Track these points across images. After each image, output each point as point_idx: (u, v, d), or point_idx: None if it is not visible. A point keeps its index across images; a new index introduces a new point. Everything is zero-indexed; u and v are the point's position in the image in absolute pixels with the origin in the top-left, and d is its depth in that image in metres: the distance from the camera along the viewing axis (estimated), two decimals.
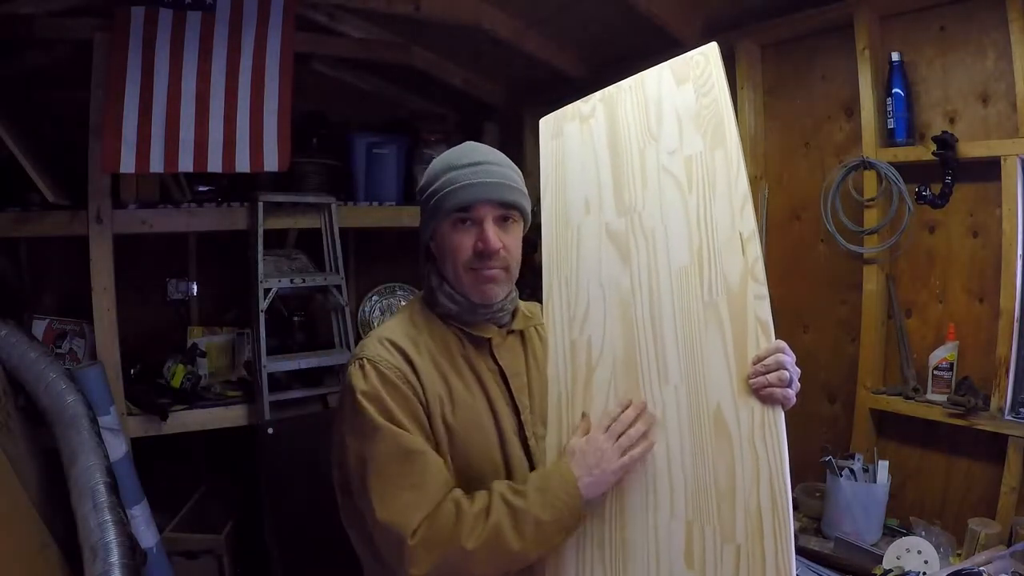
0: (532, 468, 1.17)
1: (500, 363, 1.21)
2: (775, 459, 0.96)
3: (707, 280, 1.06)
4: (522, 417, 1.19)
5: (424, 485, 1.04)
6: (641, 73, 1.21)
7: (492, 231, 1.14)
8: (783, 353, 0.97)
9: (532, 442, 1.18)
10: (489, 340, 1.21)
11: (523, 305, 1.29)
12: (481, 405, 1.16)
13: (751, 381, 0.97)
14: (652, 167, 1.15)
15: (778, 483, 0.95)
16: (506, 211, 1.17)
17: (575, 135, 1.27)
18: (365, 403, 1.08)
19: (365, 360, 1.12)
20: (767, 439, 0.97)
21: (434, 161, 1.23)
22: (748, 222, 1.06)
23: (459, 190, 1.14)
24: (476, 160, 1.17)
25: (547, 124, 1.33)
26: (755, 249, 1.04)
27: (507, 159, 1.22)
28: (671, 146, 1.14)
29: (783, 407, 0.97)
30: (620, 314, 1.13)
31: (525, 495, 1.04)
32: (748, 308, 1.02)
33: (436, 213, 1.16)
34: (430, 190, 1.18)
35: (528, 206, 1.21)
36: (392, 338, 1.16)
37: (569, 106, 1.30)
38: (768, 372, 0.96)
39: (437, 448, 1.11)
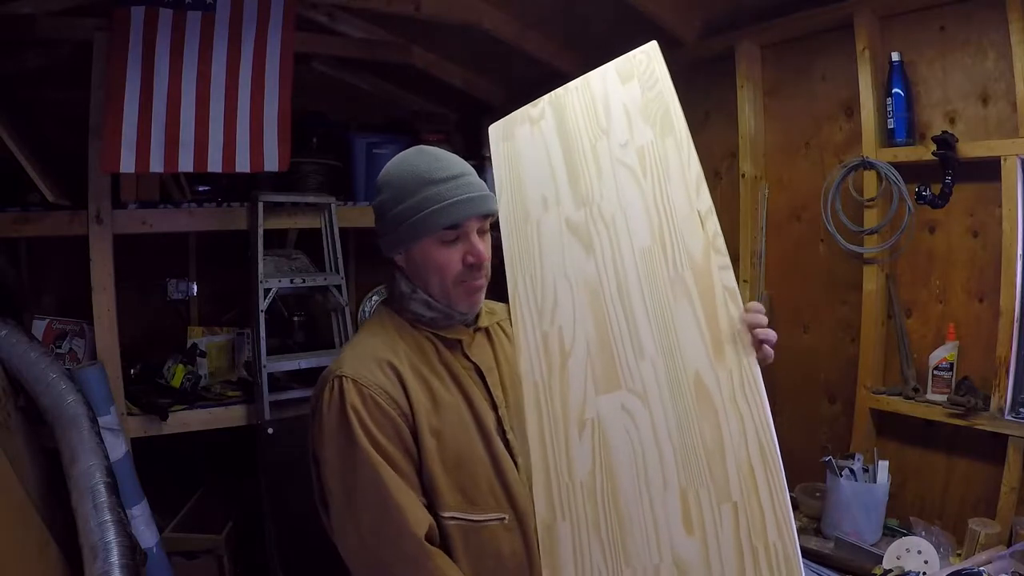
0: (514, 461, 1.18)
1: (474, 360, 1.22)
2: (759, 414, 0.97)
3: (671, 257, 1.10)
4: (499, 412, 1.20)
5: (407, 516, 1.06)
6: (586, 74, 1.25)
7: (480, 244, 1.16)
8: (760, 314, 1.00)
9: (510, 436, 1.19)
10: (460, 340, 1.22)
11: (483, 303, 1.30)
12: (462, 404, 1.17)
13: (756, 331, 0.98)
14: (605, 159, 1.20)
15: (765, 436, 0.96)
16: (486, 222, 1.19)
17: (526, 137, 1.30)
18: (352, 427, 1.08)
19: (345, 379, 1.11)
20: (748, 396, 0.99)
21: (395, 172, 1.19)
22: (704, 200, 1.10)
23: (449, 208, 1.13)
24: (453, 173, 1.16)
25: (496, 129, 1.35)
26: (714, 224, 1.08)
27: (466, 162, 1.23)
28: (622, 138, 1.20)
29: (764, 362, 0.99)
30: (589, 300, 1.15)
31: None
32: (714, 278, 1.06)
33: (418, 230, 1.14)
34: (405, 205, 1.15)
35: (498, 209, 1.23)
36: (372, 352, 1.15)
37: (517, 111, 1.34)
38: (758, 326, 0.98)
39: (423, 460, 1.11)
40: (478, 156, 3.43)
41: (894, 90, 1.96)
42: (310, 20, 2.86)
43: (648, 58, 1.21)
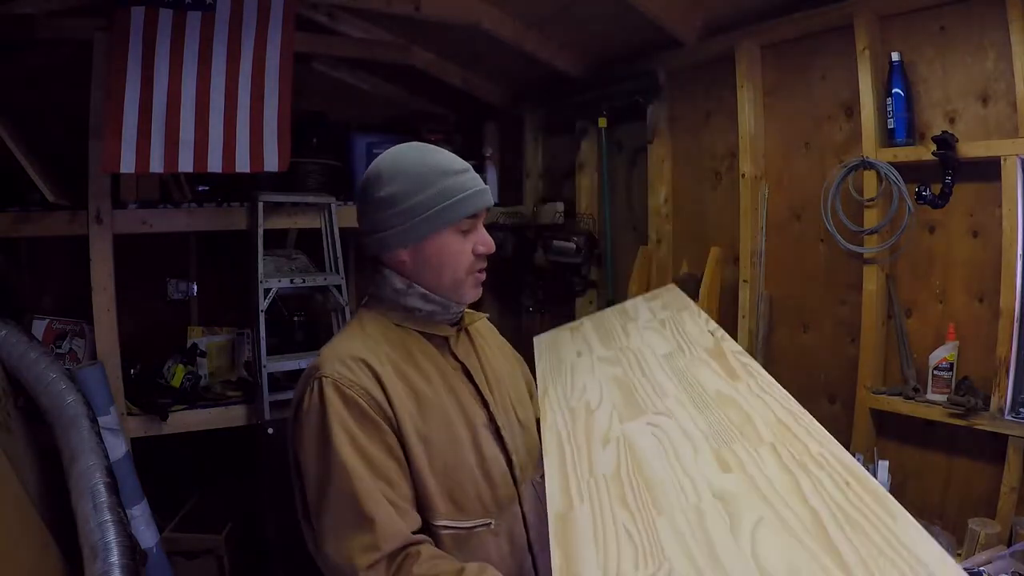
0: (507, 457, 1.19)
1: (461, 360, 1.22)
2: (780, 395, 1.13)
3: (687, 353, 1.39)
4: (491, 409, 1.20)
5: (375, 529, 1.01)
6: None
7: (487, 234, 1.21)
8: None
9: (504, 432, 1.20)
10: (447, 339, 1.23)
11: None
12: (450, 405, 1.16)
13: None
14: (633, 330, 1.60)
15: (793, 406, 1.09)
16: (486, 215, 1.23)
17: (566, 335, 1.75)
18: (331, 430, 1.04)
19: (326, 379, 1.07)
20: (767, 391, 1.15)
21: (406, 164, 1.17)
22: (713, 326, 1.46)
23: (471, 197, 1.15)
24: (465, 166, 1.20)
25: (540, 338, 1.80)
26: (723, 334, 1.41)
27: None
28: (647, 318, 1.64)
29: None
30: (616, 385, 1.36)
31: None
32: (725, 351, 1.34)
33: (435, 220, 1.14)
34: (425, 195, 1.14)
35: None
36: (352, 353, 1.11)
37: (560, 327, 1.84)
38: None
39: (413, 466, 1.09)
40: (478, 156, 3.44)
41: (894, 90, 1.96)
42: (310, 20, 2.86)
43: (668, 289, 1.81)
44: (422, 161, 1.17)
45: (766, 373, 1.19)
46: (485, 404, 1.21)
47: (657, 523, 0.92)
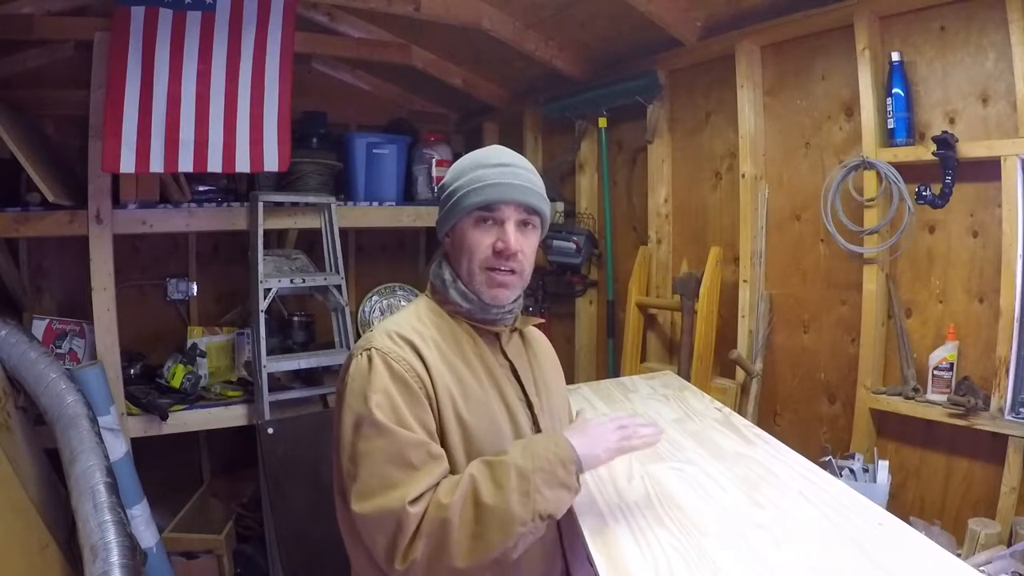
0: None
1: (510, 359, 1.22)
2: (799, 460, 1.32)
3: (697, 421, 1.52)
4: (535, 411, 1.20)
5: (418, 473, 1.01)
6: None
7: (513, 233, 1.16)
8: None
9: None
10: (498, 336, 1.22)
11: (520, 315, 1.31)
12: (494, 400, 1.16)
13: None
14: (636, 399, 1.73)
15: (812, 467, 1.28)
16: (528, 216, 1.18)
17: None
18: (372, 400, 1.04)
19: (374, 351, 1.09)
20: (787, 455, 1.33)
21: (462, 158, 1.24)
22: (719, 404, 1.60)
23: (484, 188, 1.14)
24: (504, 161, 1.18)
25: None
26: (730, 410, 1.57)
27: (532, 165, 1.23)
28: (648, 393, 1.77)
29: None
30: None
31: (505, 452, 1.05)
32: (737, 424, 1.49)
33: (457, 208, 1.16)
34: (454, 185, 1.18)
35: (548, 214, 1.23)
36: (400, 332, 1.13)
37: None
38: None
39: (446, 441, 1.09)
40: None
41: (894, 90, 1.96)
42: (310, 20, 2.86)
43: (665, 373, 1.95)
44: (473, 155, 1.22)
45: (779, 441, 1.36)
46: (529, 406, 1.20)
47: (702, 541, 1.01)
